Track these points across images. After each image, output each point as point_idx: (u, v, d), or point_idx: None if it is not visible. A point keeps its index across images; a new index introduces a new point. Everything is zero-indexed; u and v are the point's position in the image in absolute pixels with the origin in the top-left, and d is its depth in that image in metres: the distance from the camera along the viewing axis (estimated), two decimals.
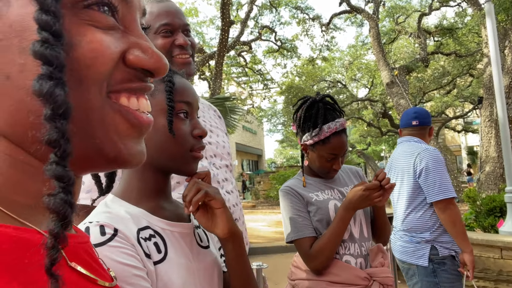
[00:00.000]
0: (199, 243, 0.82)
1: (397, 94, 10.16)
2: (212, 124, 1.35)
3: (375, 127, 18.32)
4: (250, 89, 18.33)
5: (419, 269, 2.07)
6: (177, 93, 0.79)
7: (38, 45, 0.29)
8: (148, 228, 0.73)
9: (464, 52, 13.35)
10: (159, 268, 0.70)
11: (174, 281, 0.70)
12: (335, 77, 19.15)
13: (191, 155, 0.80)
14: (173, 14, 1.21)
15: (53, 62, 0.29)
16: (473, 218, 4.34)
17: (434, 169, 2.07)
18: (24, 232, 0.29)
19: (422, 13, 13.02)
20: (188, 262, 0.75)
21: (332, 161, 1.46)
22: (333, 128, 1.44)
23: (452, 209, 2.01)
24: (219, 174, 1.23)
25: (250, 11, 12.58)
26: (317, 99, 1.50)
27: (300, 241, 1.42)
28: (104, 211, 0.72)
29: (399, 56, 16.33)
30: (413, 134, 2.29)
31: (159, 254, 0.71)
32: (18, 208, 0.31)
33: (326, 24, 14.12)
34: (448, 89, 16.56)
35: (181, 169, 0.80)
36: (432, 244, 2.06)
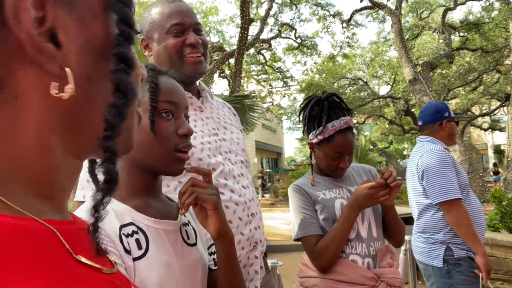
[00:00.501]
0: (185, 240, 0.82)
1: (420, 91, 9.93)
2: (227, 121, 1.35)
3: (397, 125, 17.97)
4: (270, 86, 18.31)
5: (434, 270, 2.05)
6: (161, 93, 0.81)
7: (117, 47, 0.36)
8: (132, 224, 0.75)
9: (490, 47, 12.92)
10: (138, 264, 0.71)
11: (152, 278, 0.72)
12: (356, 74, 18.89)
13: (175, 156, 0.81)
14: (184, 14, 1.22)
15: (130, 62, 0.37)
16: (498, 219, 4.22)
17: (435, 170, 2.03)
18: (22, 220, 0.30)
19: (446, 8, 12.67)
20: (170, 259, 0.76)
21: (338, 160, 1.45)
22: (337, 126, 1.43)
23: (456, 210, 1.96)
24: (234, 169, 1.23)
25: (270, 9, 12.56)
26: (322, 98, 1.50)
27: (306, 239, 1.43)
28: (86, 208, 0.74)
29: (423, 52, 15.95)
30: (425, 134, 2.27)
31: (139, 251, 0.73)
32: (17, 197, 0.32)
33: (347, 20, 13.93)
34: (474, 85, 16.07)
35: (165, 169, 0.82)
36: (447, 245, 2.02)
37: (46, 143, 0.34)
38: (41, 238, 0.30)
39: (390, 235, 1.50)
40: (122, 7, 0.37)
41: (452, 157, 2.11)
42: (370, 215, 1.46)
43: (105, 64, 0.36)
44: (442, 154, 2.07)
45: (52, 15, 0.32)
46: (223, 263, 0.84)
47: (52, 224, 0.32)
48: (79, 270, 0.32)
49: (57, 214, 0.35)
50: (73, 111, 0.35)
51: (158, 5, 1.24)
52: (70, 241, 0.33)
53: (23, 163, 0.33)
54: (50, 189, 0.35)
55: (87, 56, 0.35)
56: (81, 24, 0.34)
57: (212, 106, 1.35)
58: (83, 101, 0.35)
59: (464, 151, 8.97)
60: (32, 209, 0.32)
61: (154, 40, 1.24)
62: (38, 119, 0.33)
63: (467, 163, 8.74)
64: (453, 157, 2.14)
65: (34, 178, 0.33)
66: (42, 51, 0.32)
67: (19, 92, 0.32)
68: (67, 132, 0.35)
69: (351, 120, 1.48)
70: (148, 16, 1.25)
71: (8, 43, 0.31)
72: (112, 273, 0.37)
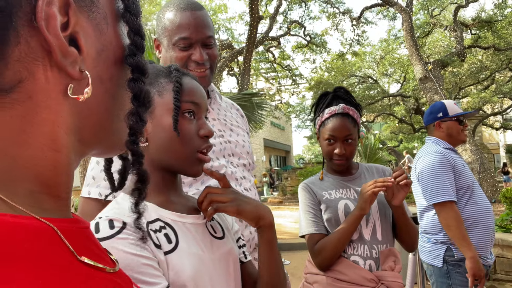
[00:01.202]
0: (212, 234, 0.83)
1: (431, 90, 9.82)
2: (233, 123, 1.35)
3: (407, 123, 17.80)
4: (279, 84, 18.26)
5: (435, 269, 2.07)
6: (184, 93, 0.81)
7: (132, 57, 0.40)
8: (158, 220, 0.76)
9: (503, 45, 12.71)
10: (170, 257, 0.72)
11: (185, 270, 0.72)
12: (365, 72, 18.74)
13: (197, 157, 0.82)
14: (193, 27, 1.18)
15: (143, 70, 0.40)
16: (509, 219, 4.16)
17: (428, 172, 2.04)
18: (23, 218, 0.30)
19: (458, 5, 12.49)
20: (200, 252, 0.77)
21: (333, 145, 1.46)
22: (333, 110, 1.47)
23: (447, 213, 1.95)
24: (237, 172, 1.24)
25: (279, 6, 12.51)
26: (330, 91, 1.55)
27: (309, 237, 1.45)
28: (113, 207, 0.75)
29: (434, 50, 15.76)
30: (428, 134, 2.29)
31: (169, 244, 0.73)
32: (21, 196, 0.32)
33: (357, 18, 13.82)
34: (486, 84, 15.83)
35: (185, 169, 0.82)
36: (448, 246, 2.02)
37: (57, 143, 0.35)
38: (42, 236, 0.31)
39: (400, 238, 1.49)
40: (133, 18, 0.40)
41: (453, 158, 2.08)
42: (376, 218, 1.45)
43: (120, 72, 0.40)
44: (439, 156, 2.06)
45: (74, 21, 0.34)
46: (263, 249, 0.86)
47: (54, 223, 0.32)
48: (81, 270, 0.32)
49: (60, 213, 0.35)
50: (86, 113, 0.37)
51: (172, 10, 1.21)
52: (71, 240, 0.33)
53: (32, 162, 0.33)
54: (56, 188, 0.35)
55: (102, 62, 0.38)
56: (98, 31, 0.37)
57: (220, 107, 1.34)
58: (96, 105, 0.38)
59: (475, 151, 8.86)
60: (35, 207, 0.32)
61: (163, 45, 1.24)
62: (52, 120, 0.34)
63: (478, 162, 8.63)
64: (456, 158, 2.11)
65: (42, 177, 0.34)
66: (67, 55, 0.34)
67: (33, 92, 0.33)
68: (78, 133, 0.37)
69: (351, 109, 1.49)
70: (161, 18, 1.23)
71: (32, 46, 0.32)
72: (115, 272, 0.38)
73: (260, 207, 0.86)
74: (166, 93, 0.80)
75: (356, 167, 1.59)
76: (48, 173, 0.34)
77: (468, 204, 2.02)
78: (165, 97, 0.80)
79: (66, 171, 0.36)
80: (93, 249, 0.37)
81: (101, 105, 0.38)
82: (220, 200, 0.82)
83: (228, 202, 0.82)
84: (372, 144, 12.40)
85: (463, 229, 1.93)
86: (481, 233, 1.99)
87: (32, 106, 0.33)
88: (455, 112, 2.16)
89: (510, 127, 19.49)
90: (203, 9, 1.22)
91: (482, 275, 1.88)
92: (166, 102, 0.80)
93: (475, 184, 2.08)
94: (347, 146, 1.46)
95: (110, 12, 0.39)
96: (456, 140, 2.18)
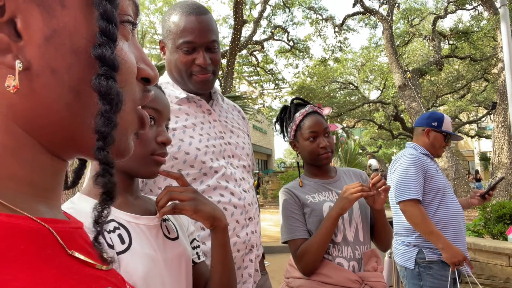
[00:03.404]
0: (166, 235, 0.85)
1: (409, 97, 10.05)
2: (234, 124, 1.37)
3: (386, 129, 18.14)
4: (261, 88, 18.32)
5: (407, 271, 2.12)
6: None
7: (99, 48, 0.33)
8: (113, 221, 0.78)
9: (479, 56, 13.13)
10: (122, 258, 0.74)
11: (137, 270, 0.74)
12: (347, 78, 19.01)
13: (152, 158, 0.85)
14: (197, 31, 1.19)
15: (112, 64, 0.33)
16: (482, 224, 4.29)
17: (400, 171, 2.12)
18: (17, 219, 0.30)
19: (437, 16, 12.84)
20: (153, 253, 0.78)
21: (315, 141, 1.51)
22: (303, 111, 1.53)
23: (411, 211, 2.03)
24: (236, 173, 1.25)
25: (263, 11, 12.59)
26: (287, 105, 1.63)
27: (292, 242, 1.45)
28: (69, 207, 0.76)
29: (413, 58, 16.13)
30: (414, 136, 2.36)
31: (122, 245, 0.75)
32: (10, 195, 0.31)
33: (339, 25, 14.04)
34: (462, 93, 16.30)
35: (141, 170, 0.85)
36: (420, 248, 2.08)
37: (17, 138, 0.32)
38: (36, 236, 0.30)
39: (377, 240, 1.53)
40: (102, 1, 0.34)
41: (426, 163, 2.15)
42: (358, 219, 1.48)
43: (84, 65, 0.34)
44: (413, 158, 2.14)
45: (12, 4, 0.30)
46: (216, 251, 0.88)
47: (47, 223, 0.32)
48: (74, 266, 0.32)
49: (51, 213, 0.35)
50: (42, 109, 0.33)
51: (177, 14, 1.21)
52: (64, 240, 0.33)
53: (2, 160, 0.32)
54: (38, 188, 0.34)
55: (54, 50, 0.32)
56: (47, 14, 0.32)
57: (221, 109, 1.36)
58: (52, 100, 0.33)
59: (451, 157, 9.10)
60: (27, 207, 0.32)
61: (168, 48, 1.25)
62: (5, 113, 0.32)
63: (453, 169, 8.86)
64: (430, 163, 2.19)
65: (14, 176, 0.32)
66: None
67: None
68: (40, 130, 0.33)
69: (316, 107, 1.56)
70: (166, 21, 1.24)
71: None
72: (108, 270, 0.37)
73: (217, 209, 0.89)
74: None
75: (335, 171, 1.62)
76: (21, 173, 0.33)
77: (440, 208, 2.09)
78: None
79: (40, 170, 0.34)
80: (86, 248, 0.36)
81: (58, 100, 0.33)
82: (179, 198, 0.84)
83: (186, 200, 0.84)
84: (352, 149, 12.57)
85: (429, 223, 2.00)
86: (453, 236, 2.06)
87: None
88: (447, 129, 2.26)
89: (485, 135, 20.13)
90: (208, 13, 1.24)
91: (461, 259, 1.95)
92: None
93: (447, 188, 2.15)
94: (328, 139, 1.52)
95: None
96: (435, 151, 2.27)
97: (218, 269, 0.89)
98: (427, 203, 2.09)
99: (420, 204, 2.04)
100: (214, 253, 0.89)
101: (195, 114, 1.25)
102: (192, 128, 1.21)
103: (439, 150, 2.27)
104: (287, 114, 1.61)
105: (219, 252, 0.89)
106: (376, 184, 1.36)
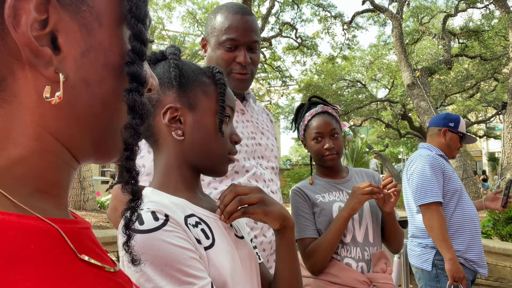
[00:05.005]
0: (235, 233, 0.84)
1: (418, 96, 9.97)
2: (264, 126, 1.40)
3: (394, 128, 18.02)
4: (268, 85, 18.29)
5: (424, 273, 2.10)
6: (226, 97, 0.83)
7: (132, 66, 0.36)
8: (194, 215, 0.76)
9: (489, 55, 12.98)
10: (210, 253, 0.72)
11: (224, 266, 0.72)
12: (354, 76, 18.90)
13: (228, 157, 0.84)
14: (241, 30, 1.23)
15: (143, 81, 0.37)
16: (491, 226, 4.25)
17: (419, 173, 2.09)
18: (27, 219, 0.30)
19: (447, 14, 12.70)
20: (232, 250, 0.78)
21: (320, 142, 1.50)
22: (313, 112, 1.53)
23: (431, 214, 2.01)
24: (265, 174, 1.27)
25: (272, 7, 12.53)
26: (304, 103, 1.62)
27: (301, 241, 1.45)
28: (148, 200, 0.73)
29: (422, 57, 16.00)
30: (426, 138, 2.35)
31: (207, 240, 0.74)
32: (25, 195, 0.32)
33: (348, 22, 13.94)
34: (471, 92, 16.14)
35: (216, 168, 0.84)
36: (438, 250, 2.05)
37: (46, 144, 0.34)
38: (46, 237, 0.31)
39: (388, 241, 1.52)
40: (135, 22, 0.37)
41: (444, 164, 2.14)
42: (368, 221, 1.47)
43: (115, 79, 0.37)
44: (430, 160, 2.11)
45: (55, 19, 0.32)
46: (284, 250, 0.86)
47: (56, 223, 0.32)
48: (83, 269, 0.33)
49: (59, 213, 0.35)
50: (73, 118, 0.35)
51: (224, 12, 1.25)
52: (73, 240, 0.33)
53: (27, 162, 0.33)
54: (52, 189, 0.35)
55: (89, 64, 0.35)
56: (85, 30, 0.34)
57: (253, 111, 1.39)
58: (82, 109, 0.35)
59: (459, 157, 9.02)
60: (37, 207, 0.32)
61: (210, 45, 1.28)
62: (36, 120, 0.33)
63: (461, 169, 8.79)
64: (446, 164, 2.17)
65: (38, 177, 0.33)
66: (38, 55, 0.31)
67: (17, 91, 0.32)
68: (67, 137, 0.35)
69: (329, 108, 1.55)
70: (212, 19, 1.27)
71: (8, 42, 0.31)
72: (115, 272, 0.38)
73: (283, 208, 0.87)
74: (211, 93, 0.82)
75: (346, 171, 1.61)
76: (44, 174, 0.34)
77: (457, 210, 2.08)
78: (210, 97, 0.81)
79: (61, 172, 0.36)
80: (94, 248, 0.37)
81: (88, 110, 0.36)
82: (249, 202, 0.80)
83: (256, 203, 0.80)
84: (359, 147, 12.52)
85: (444, 231, 1.98)
86: (469, 238, 2.04)
87: (18, 106, 0.32)
88: (462, 130, 2.25)
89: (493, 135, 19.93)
90: (252, 15, 1.28)
91: (461, 276, 1.94)
92: (211, 102, 0.81)
93: (463, 190, 2.14)
94: (335, 141, 1.50)
95: (110, 12, 0.36)
96: (450, 152, 2.26)
97: (287, 268, 0.86)
98: (445, 205, 2.07)
99: (441, 208, 2.02)
100: (282, 253, 0.86)
101: None
102: None
103: (454, 151, 2.26)
104: (301, 112, 1.61)
105: (288, 251, 0.86)
106: (387, 186, 1.34)
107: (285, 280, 0.85)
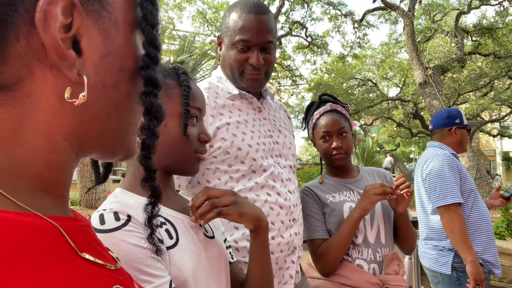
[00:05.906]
0: (204, 233, 0.85)
1: (430, 95, 9.84)
2: (281, 124, 1.38)
3: (405, 127, 17.82)
4: (278, 84, 18.25)
5: (443, 276, 2.04)
6: (191, 98, 0.84)
7: (147, 70, 0.38)
8: (159, 216, 0.76)
9: (503, 53, 12.74)
10: (172, 253, 0.73)
11: (186, 265, 0.74)
12: (365, 75, 18.74)
13: (196, 156, 0.85)
14: (254, 30, 1.20)
15: (157, 84, 0.39)
16: (504, 226, 4.18)
17: (436, 174, 2.03)
18: (26, 216, 0.30)
19: (460, 12, 12.50)
20: (198, 249, 0.79)
21: (328, 141, 1.48)
22: (321, 110, 1.51)
23: (451, 215, 1.96)
24: (283, 173, 1.25)
25: (282, 6, 12.50)
26: (314, 101, 1.61)
27: (310, 241, 1.44)
28: (114, 201, 0.76)
29: (434, 55, 15.78)
30: (433, 139, 2.27)
31: (170, 240, 0.75)
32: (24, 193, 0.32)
33: (359, 20, 13.82)
34: (485, 91, 15.87)
35: (185, 168, 0.86)
36: (456, 252, 2.00)
37: (54, 144, 0.34)
38: (45, 234, 0.31)
39: (401, 243, 1.50)
40: (149, 28, 0.39)
41: (458, 163, 2.10)
42: (380, 221, 1.45)
43: (129, 83, 0.39)
44: (447, 159, 2.07)
45: (79, 23, 0.33)
46: (257, 250, 0.87)
47: (56, 221, 0.32)
48: (83, 267, 0.33)
49: (59, 211, 0.35)
50: (87, 119, 0.36)
51: (238, 11, 1.23)
52: (73, 238, 0.33)
53: (30, 161, 0.33)
54: (54, 187, 0.35)
55: (106, 68, 0.36)
56: (104, 35, 0.36)
57: (270, 108, 1.37)
58: (97, 111, 0.37)
59: (472, 157, 8.89)
60: (36, 205, 0.32)
61: (224, 44, 1.27)
62: (49, 120, 0.34)
63: (474, 169, 8.66)
64: (460, 163, 2.13)
65: (40, 176, 0.34)
66: (63, 57, 0.33)
67: (32, 92, 0.32)
68: (77, 138, 0.36)
69: (338, 106, 1.52)
70: (226, 17, 1.26)
71: (33, 44, 0.32)
72: (116, 269, 0.38)
73: (258, 208, 0.88)
74: (174, 96, 0.83)
75: (357, 170, 1.59)
76: (45, 173, 0.34)
77: (473, 210, 2.03)
78: (174, 100, 0.82)
79: (64, 171, 0.36)
80: (94, 246, 0.37)
81: (102, 112, 0.37)
82: (222, 205, 0.81)
83: (229, 205, 0.82)
84: (369, 147, 12.41)
85: (465, 232, 1.94)
86: (485, 239, 2.00)
87: (31, 106, 0.33)
88: (466, 122, 2.20)
89: (507, 134, 19.58)
90: (268, 13, 1.25)
91: (482, 278, 1.89)
92: (174, 105, 0.82)
93: (477, 190, 2.10)
94: (343, 140, 1.47)
95: (125, 19, 0.38)
96: (463, 147, 2.21)
97: (259, 268, 0.87)
98: (462, 206, 2.02)
99: (460, 209, 1.98)
100: (255, 253, 0.87)
101: (247, 111, 1.26)
102: (244, 124, 1.22)
103: (465, 145, 2.21)
104: (310, 111, 1.60)
105: (261, 251, 0.87)
106: (399, 186, 1.32)
107: (257, 280, 0.87)
